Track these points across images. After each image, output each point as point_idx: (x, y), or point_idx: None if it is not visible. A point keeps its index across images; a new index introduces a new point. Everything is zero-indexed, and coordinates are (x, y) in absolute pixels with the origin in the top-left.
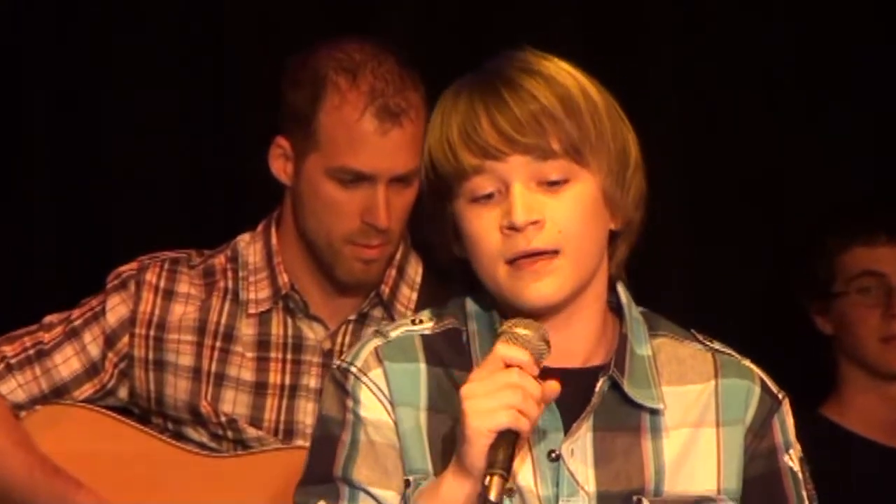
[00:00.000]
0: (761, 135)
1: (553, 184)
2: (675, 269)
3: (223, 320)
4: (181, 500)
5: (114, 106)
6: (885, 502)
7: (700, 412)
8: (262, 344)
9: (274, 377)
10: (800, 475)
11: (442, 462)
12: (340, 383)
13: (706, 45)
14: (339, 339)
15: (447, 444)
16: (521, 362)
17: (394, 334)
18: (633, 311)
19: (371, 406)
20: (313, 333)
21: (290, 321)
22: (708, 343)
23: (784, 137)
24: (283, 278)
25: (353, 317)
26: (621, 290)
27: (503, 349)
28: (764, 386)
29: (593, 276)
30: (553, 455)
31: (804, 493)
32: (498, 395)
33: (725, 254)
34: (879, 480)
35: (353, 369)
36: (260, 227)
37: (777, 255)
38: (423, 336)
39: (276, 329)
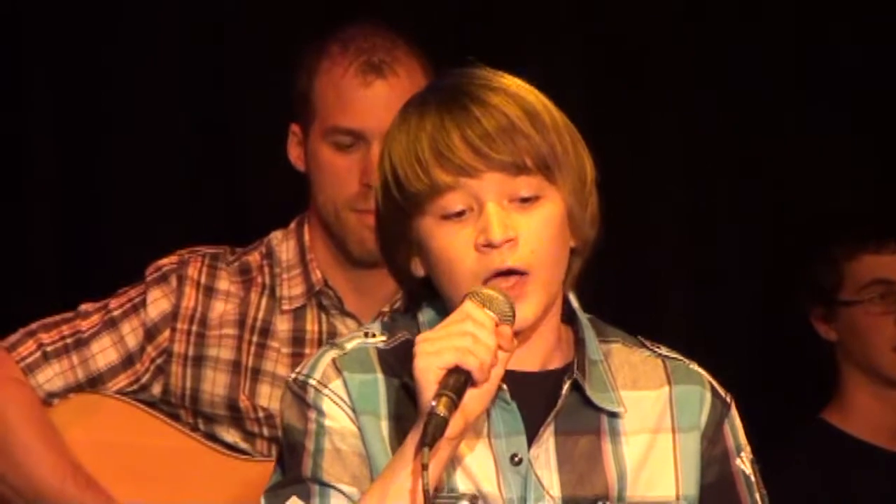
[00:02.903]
0: (762, 140)
1: (525, 200)
2: (675, 275)
3: (260, 315)
4: (205, 499)
5: (114, 103)
6: None
7: (657, 419)
8: (297, 340)
9: None
10: (752, 478)
11: None
12: (300, 395)
13: (706, 46)
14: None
15: None
16: (483, 322)
17: (349, 346)
18: (583, 320)
19: (335, 415)
20: (347, 329)
21: (323, 317)
22: (656, 349)
23: (784, 143)
24: (317, 275)
25: (385, 309)
26: (571, 295)
27: (469, 307)
28: (714, 391)
29: (559, 292)
30: (516, 459)
31: (757, 496)
32: (448, 339)
33: (725, 259)
34: (882, 486)
35: (313, 381)
36: (293, 225)
37: (778, 261)
38: (378, 349)
39: (310, 325)
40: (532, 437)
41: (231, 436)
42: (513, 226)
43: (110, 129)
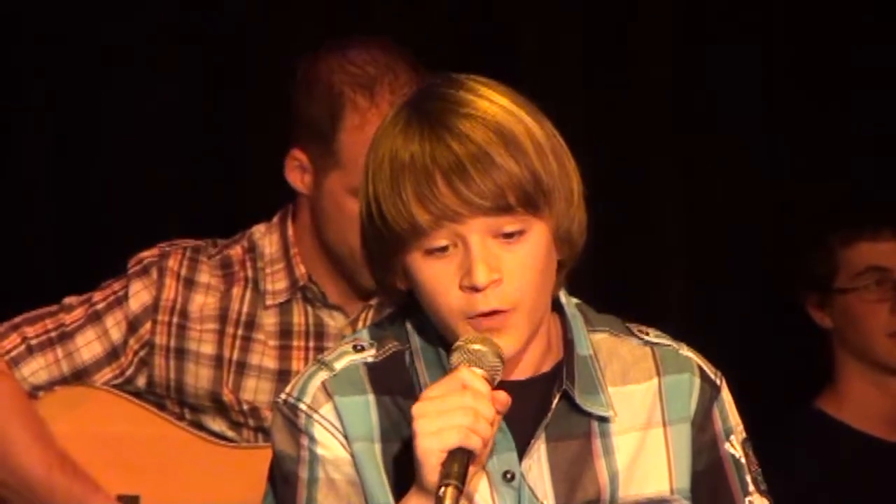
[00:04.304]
0: (759, 130)
1: (509, 235)
2: (673, 275)
3: (245, 309)
4: (195, 488)
5: (112, 100)
6: (881, 495)
7: (647, 414)
8: (284, 333)
9: (297, 365)
10: (742, 460)
11: (400, 491)
12: (291, 419)
13: (704, 42)
14: (359, 326)
15: (403, 472)
16: (481, 390)
17: (339, 366)
18: (571, 309)
19: (327, 443)
20: (333, 321)
21: (310, 310)
22: (644, 336)
23: (782, 133)
24: (300, 270)
25: (372, 303)
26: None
27: (465, 374)
28: (703, 375)
29: (546, 310)
30: (508, 476)
31: (748, 478)
32: (449, 415)
33: (721, 248)
34: (875, 474)
35: (303, 406)
36: (276, 219)
37: (776, 249)
38: (368, 365)
39: (297, 318)
40: (523, 446)
41: (217, 424)
42: (497, 266)
43: (110, 129)
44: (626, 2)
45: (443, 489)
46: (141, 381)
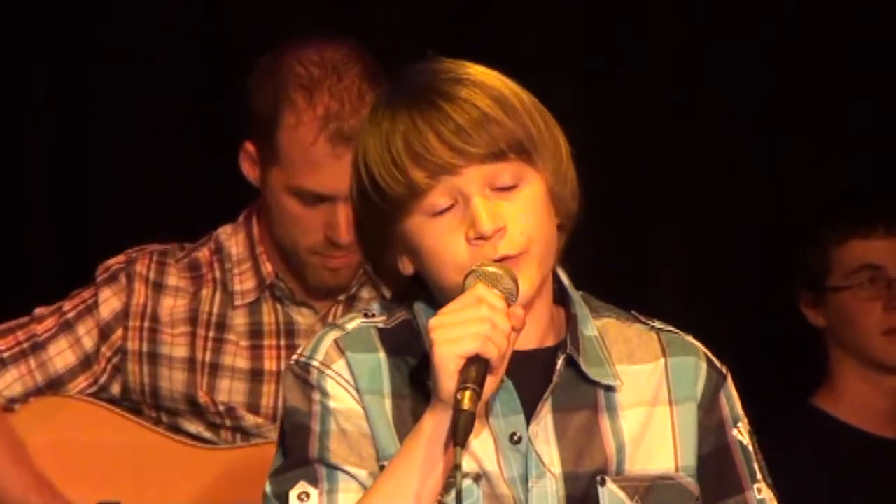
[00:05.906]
0: (756, 126)
1: (506, 188)
2: (667, 261)
3: (215, 310)
4: (175, 492)
5: (112, 100)
6: (877, 491)
7: (653, 392)
8: (255, 332)
9: (269, 364)
10: (750, 448)
11: None
12: (302, 377)
13: (703, 35)
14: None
15: (412, 428)
16: (497, 306)
17: (350, 326)
18: (575, 296)
19: (339, 396)
20: (303, 318)
21: (279, 308)
22: (650, 323)
23: (779, 130)
24: (267, 268)
25: (342, 298)
26: (561, 273)
27: (481, 289)
28: (709, 361)
29: (551, 270)
30: (515, 437)
31: (755, 466)
32: (465, 325)
33: (718, 246)
34: (871, 470)
35: (315, 363)
36: (241, 218)
37: (771, 247)
38: (379, 329)
39: (266, 317)
40: (530, 414)
41: (195, 426)
42: (500, 214)
43: (110, 129)
44: (626, 1)
45: (461, 392)
46: (116, 388)
